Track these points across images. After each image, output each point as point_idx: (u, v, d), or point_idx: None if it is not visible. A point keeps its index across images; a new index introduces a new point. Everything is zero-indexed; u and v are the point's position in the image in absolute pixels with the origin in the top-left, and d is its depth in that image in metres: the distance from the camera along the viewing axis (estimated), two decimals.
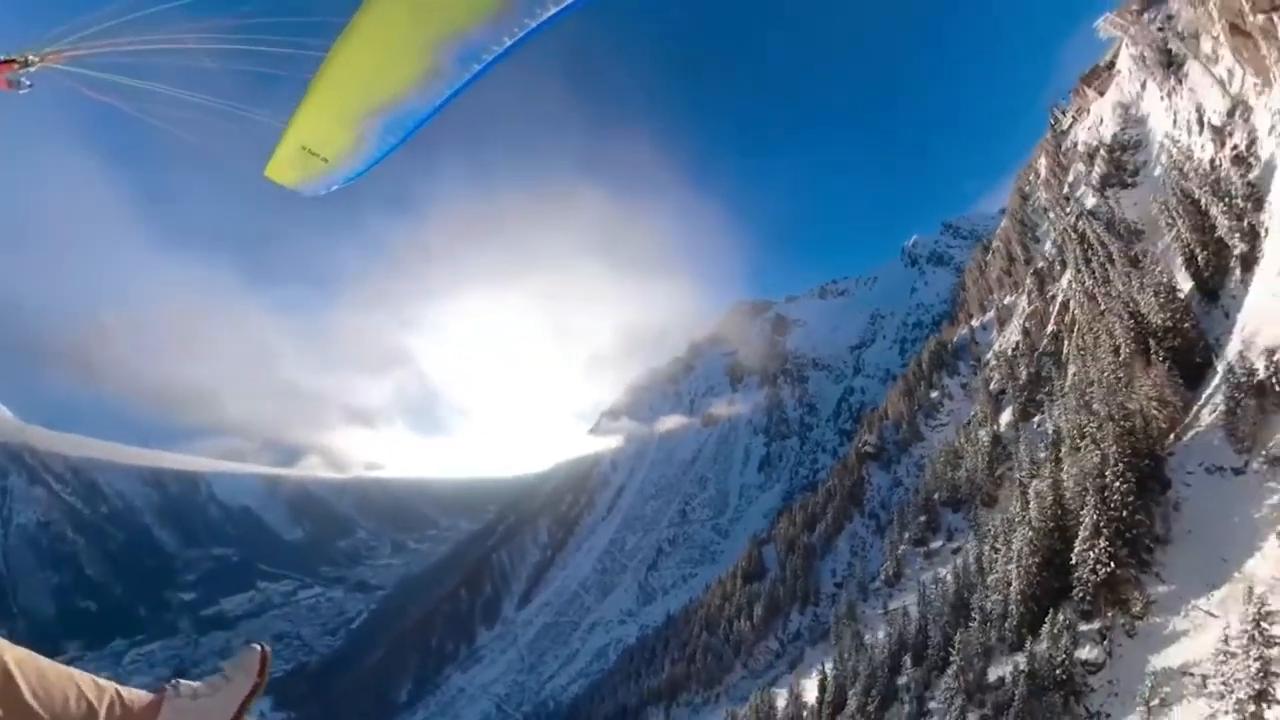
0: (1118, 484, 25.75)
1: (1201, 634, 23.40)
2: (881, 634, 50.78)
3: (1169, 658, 23.91)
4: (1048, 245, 66.41)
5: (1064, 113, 71.34)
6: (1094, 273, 47.26)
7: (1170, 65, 44.94)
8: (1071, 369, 52.17)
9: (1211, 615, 23.26)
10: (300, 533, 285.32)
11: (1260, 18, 27.87)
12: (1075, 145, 65.07)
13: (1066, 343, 56.53)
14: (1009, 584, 31.20)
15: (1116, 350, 32.22)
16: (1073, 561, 27.05)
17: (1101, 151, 55.93)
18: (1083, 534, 26.19)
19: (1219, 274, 30.51)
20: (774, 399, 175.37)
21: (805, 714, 45.72)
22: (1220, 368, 26.76)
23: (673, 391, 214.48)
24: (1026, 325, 65.15)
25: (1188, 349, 28.90)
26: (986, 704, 29.21)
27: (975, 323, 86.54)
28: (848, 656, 45.88)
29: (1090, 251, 49.00)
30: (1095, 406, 34.43)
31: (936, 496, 62.73)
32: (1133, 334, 30.83)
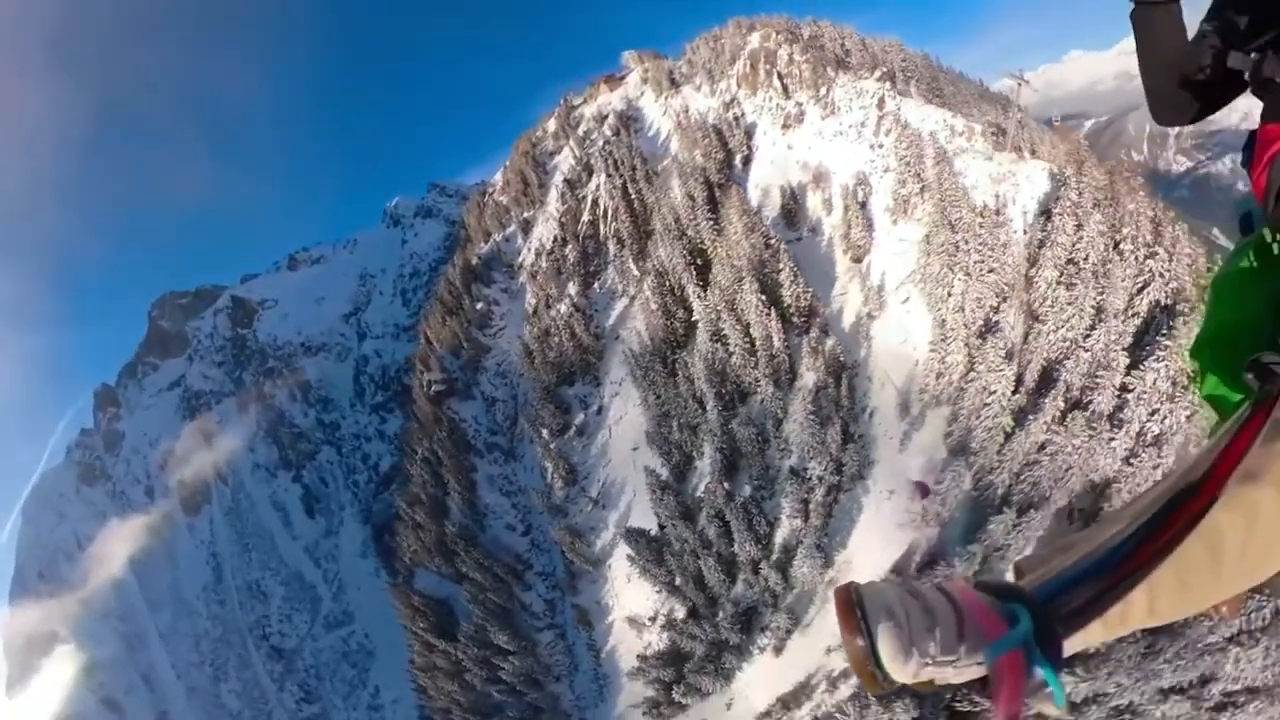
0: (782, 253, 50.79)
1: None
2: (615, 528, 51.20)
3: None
4: (568, 164, 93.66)
5: (577, 96, 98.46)
6: (622, 174, 77.36)
7: (672, 85, 78.16)
8: (612, 245, 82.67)
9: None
10: None
11: (767, 63, 61.40)
12: (585, 115, 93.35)
13: (603, 225, 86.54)
14: (765, 343, 41.92)
15: (692, 198, 62.09)
16: (785, 302, 43.61)
17: (610, 117, 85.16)
18: (787, 279, 46.26)
19: (729, 167, 64.48)
20: (269, 415, 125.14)
21: (658, 630, 42.53)
22: (756, 201, 60.30)
23: (102, 492, 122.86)
24: (562, 220, 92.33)
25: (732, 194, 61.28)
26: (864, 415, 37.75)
27: (498, 237, 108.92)
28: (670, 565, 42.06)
29: (618, 162, 78.94)
30: (689, 233, 64.26)
31: (546, 383, 68.09)
32: (705, 190, 61.22)
